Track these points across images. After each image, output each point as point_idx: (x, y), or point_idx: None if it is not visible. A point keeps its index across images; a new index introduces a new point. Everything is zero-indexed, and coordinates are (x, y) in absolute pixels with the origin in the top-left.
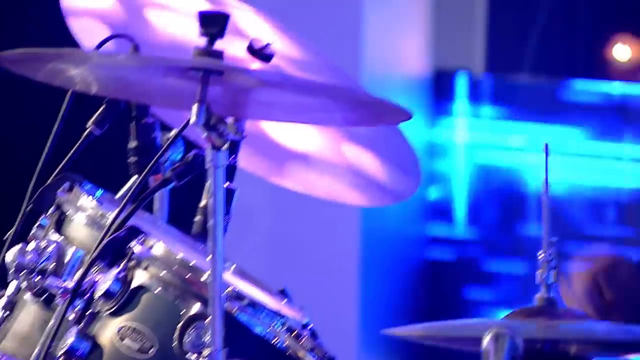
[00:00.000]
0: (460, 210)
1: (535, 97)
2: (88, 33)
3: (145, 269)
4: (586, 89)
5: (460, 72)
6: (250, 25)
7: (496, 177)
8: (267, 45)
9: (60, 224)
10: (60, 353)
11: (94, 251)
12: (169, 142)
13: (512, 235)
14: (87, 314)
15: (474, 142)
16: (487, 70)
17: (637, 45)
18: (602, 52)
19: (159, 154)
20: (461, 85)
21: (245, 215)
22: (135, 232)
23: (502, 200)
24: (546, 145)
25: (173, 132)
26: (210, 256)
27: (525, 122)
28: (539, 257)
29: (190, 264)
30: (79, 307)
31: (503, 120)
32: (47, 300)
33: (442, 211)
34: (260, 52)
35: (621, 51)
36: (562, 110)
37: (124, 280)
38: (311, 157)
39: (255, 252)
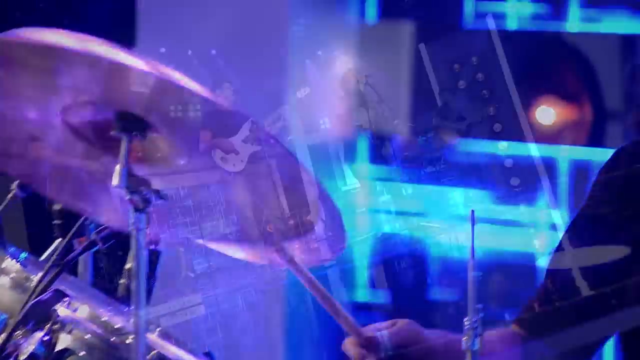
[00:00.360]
0: (362, 276)
1: (444, 160)
2: None
3: (70, 332)
4: (499, 151)
5: (363, 134)
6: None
7: (400, 242)
8: None
9: None
10: None
11: (18, 314)
12: None
13: (416, 301)
14: None
15: (377, 206)
16: (411, 133)
17: (561, 108)
18: (525, 115)
19: (83, 216)
20: (364, 148)
21: (171, 277)
22: (59, 295)
23: (405, 266)
24: (472, 212)
25: None
26: (134, 319)
27: (429, 185)
28: (465, 324)
29: (115, 327)
30: None
31: (408, 184)
32: None
33: (345, 277)
34: None
35: (545, 114)
36: (469, 174)
37: (49, 344)
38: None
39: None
